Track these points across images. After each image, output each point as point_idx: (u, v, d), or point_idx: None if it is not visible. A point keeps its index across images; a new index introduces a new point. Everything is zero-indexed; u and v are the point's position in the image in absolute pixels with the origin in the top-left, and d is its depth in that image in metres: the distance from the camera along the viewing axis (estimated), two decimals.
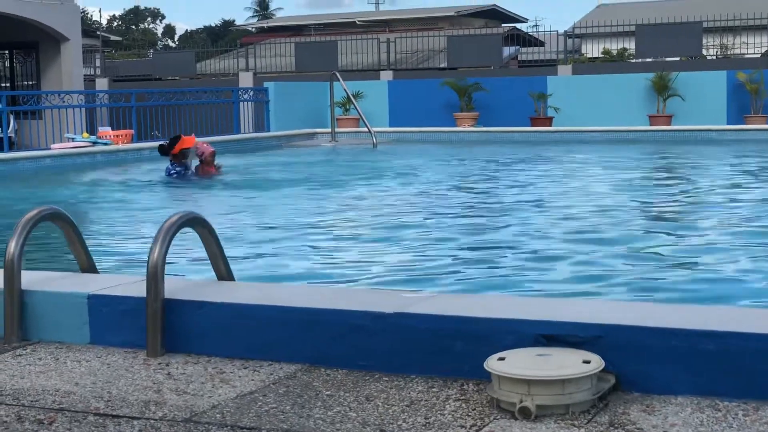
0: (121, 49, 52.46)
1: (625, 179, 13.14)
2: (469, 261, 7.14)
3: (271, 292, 4.23)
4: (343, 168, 16.13)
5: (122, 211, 10.91)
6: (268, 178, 14.22)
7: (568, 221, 9.08)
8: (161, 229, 3.97)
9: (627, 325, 3.33)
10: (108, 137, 18.68)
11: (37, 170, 16.14)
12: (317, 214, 10.17)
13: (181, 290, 4.08)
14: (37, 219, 4.31)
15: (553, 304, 3.83)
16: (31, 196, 12.66)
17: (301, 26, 49.88)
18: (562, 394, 3.07)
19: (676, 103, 22.00)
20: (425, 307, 3.68)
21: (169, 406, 3.32)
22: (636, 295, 5.78)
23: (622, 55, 33.52)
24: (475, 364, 3.37)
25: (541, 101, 22.93)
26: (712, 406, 3.14)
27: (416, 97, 24.40)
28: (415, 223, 9.20)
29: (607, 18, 32.17)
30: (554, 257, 7.10)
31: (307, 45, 31.61)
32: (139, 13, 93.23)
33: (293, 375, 3.62)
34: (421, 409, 3.20)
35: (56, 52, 24.31)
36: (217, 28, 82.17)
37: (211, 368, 3.73)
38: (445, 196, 11.65)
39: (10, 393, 3.51)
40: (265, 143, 21.36)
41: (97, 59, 36.11)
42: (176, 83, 31.26)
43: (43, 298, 4.19)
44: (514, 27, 41.16)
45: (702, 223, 8.97)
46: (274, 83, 23.82)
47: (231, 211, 10.43)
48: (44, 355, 3.98)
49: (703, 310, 3.86)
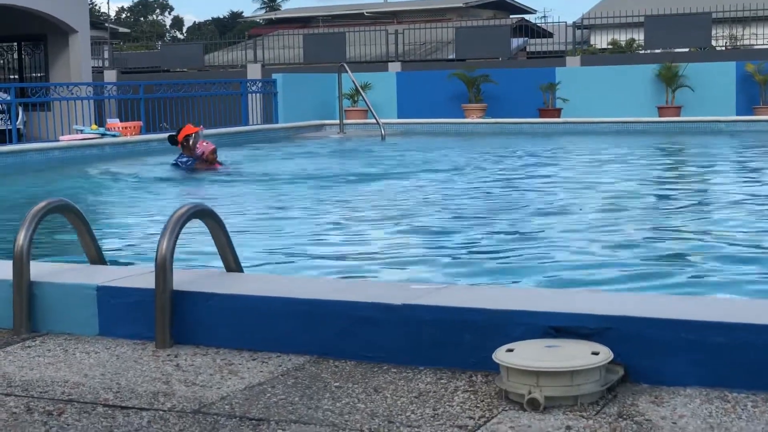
0: (129, 41, 52.51)
1: (635, 170, 13.11)
2: (477, 252, 7.13)
3: (280, 284, 4.24)
4: (351, 159, 16.12)
5: (131, 203, 10.93)
6: (277, 169, 14.22)
7: (577, 213, 9.07)
8: (170, 220, 3.97)
9: (636, 316, 3.32)
10: (116, 129, 18.69)
11: (45, 162, 16.16)
12: (326, 206, 10.17)
13: (189, 282, 4.08)
14: (45, 211, 4.32)
15: (561, 296, 3.83)
16: (39, 188, 12.68)
17: (309, 18, 49.84)
18: (571, 386, 3.07)
19: (685, 94, 21.94)
20: (434, 299, 3.67)
21: (177, 397, 3.33)
22: (645, 287, 5.77)
23: (631, 46, 33.45)
24: (483, 355, 3.38)
25: (550, 92, 22.89)
26: (720, 398, 3.13)
27: (424, 88, 24.36)
28: (423, 214, 9.19)
29: (615, 9, 32.07)
30: (563, 248, 7.09)
31: (315, 36, 31.58)
32: (148, 5, 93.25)
33: (302, 366, 3.62)
34: (429, 401, 3.20)
35: (65, 44, 24.34)
36: (225, 20, 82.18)
37: (219, 360, 3.74)
38: (452, 187, 11.63)
39: (20, 384, 3.52)
40: (273, 135, 21.36)
41: (106, 51, 36.15)
42: (184, 75, 31.28)
43: (52, 289, 4.20)
44: (523, 18, 41.12)
45: (712, 214, 8.95)
46: (283, 75, 23.81)
47: (239, 202, 10.44)
48: (53, 346, 3.99)
49: (713, 301, 3.86)
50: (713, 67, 22.41)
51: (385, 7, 52.08)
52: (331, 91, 23.34)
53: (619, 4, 38.34)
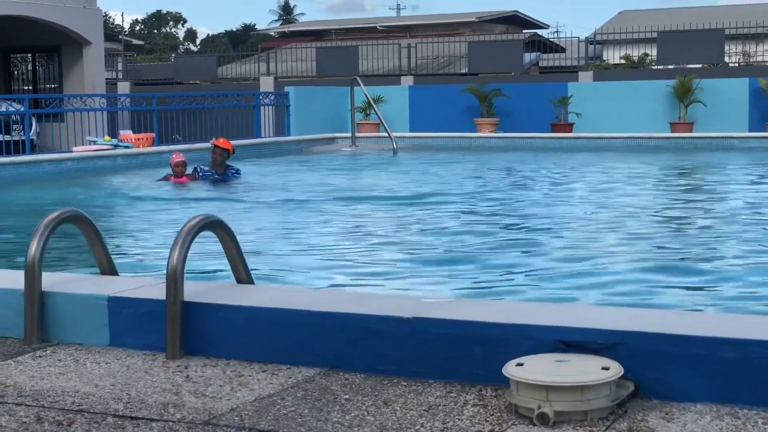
0: (143, 53, 52.69)
1: (646, 185, 13.09)
2: (487, 267, 7.12)
3: (290, 296, 4.24)
4: (362, 173, 16.13)
5: (143, 214, 10.95)
6: (288, 182, 14.23)
7: (588, 227, 9.06)
8: (181, 231, 3.98)
9: (646, 332, 3.31)
10: (129, 140, 18.75)
11: (58, 173, 16.21)
12: (337, 219, 10.18)
13: (200, 293, 4.09)
14: (58, 221, 4.33)
15: (572, 310, 3.83)
16: (52, 198, 12.72)
17: (322, 31, 49.96)
18: (581, 401, 3.06)
19: (698, 110, 21.92)
20: (444, 312, 3.67)
21: (187, 408, 3.33)
22: (656, 302, 5.76)
23: (644, 61, 33.43)
24: (493, 369, 3.37)
25: (562, 107, 22.88)
26: (731, 414, 3.12)
27: (437, 102, 24.38)
28: (433, 229, 9.19)
29: (628, 24, 32.10)
30: (572, 263, 7.07)
31: (328, 50, 31.65)
32: (162, 17, 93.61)
33: (311, 379, 3.62)
34: (439, 414, 3.20)
35: (78, 56, 24.44)
36: (238, 33, 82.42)
37: (229, 371, 3.74)
38: (461, 201, 11.63)
39: (30, 394, 3.52)
40: (285, 147, 21.40)
41: (119, 63, 36.28)
42: (197, 87, 31.37)
43: (63, 299, 4.21)
44: (536, 33, 41.11)
45: (723, 230, 8.92)
46: (295, 88, 23.87)
47: (250, 214, 10.45)
48: (64, 356, 4.00)
49: (723, 317, 3.85)
50: (726, 83, 22.38)
51: (398, 21, 52.19)
52: (343, 104, 23.38)
53: (632, 20, 38.37)
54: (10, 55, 26.49)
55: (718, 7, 36.39)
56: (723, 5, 54.91)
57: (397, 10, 68.49)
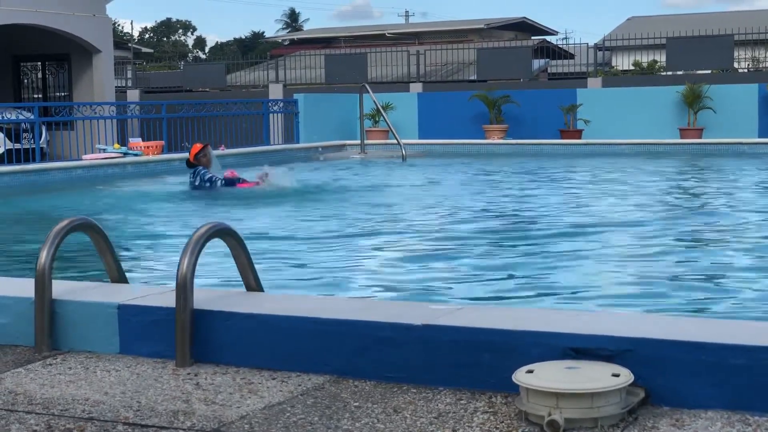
0: (152, 61, 52.81)
1: (655, 192, 13.06)
2: (497, 273, 7.12)
3: (300, 304, 4.24)
4: (371, 179, 16.13)
5: (152, 222, 10.97)
6: (297, 189, 14.24)
7: (597, 233, 9.04)
8: (191, 239, 3.99)
9: (657, 338, 3.31)
10: (139, 148, 18.79)
11: (68, 181, 16.26)
12: (346, 226, 10.17)
13: (210, 301, 4.09)
14: (68, 229, 4.34)
15: (582, 317, 3.82)
16: (62, 206, 12.74)
17: (330, 38, 50.00)
18: (591, 408, 3.05)
19: (707, 116, 21.88)
20: (453, 320, 3.67)
21: (197, 416, 3.33)
22: (666, 308, 5.75)
23: (653, 67, 33.39)
24: (503, 376, 3.37)
25: (571, 113, 22.87)
26: (742, 421, 3.11)
27: (446, 109, 24.39)
28: (443, 236, 9.19)
29: (637, 30, 32.04)
30: (582, 269, 7.07)
31: (336, 57, 31.68)
32: (171, 25, 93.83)
33: (321, 386, 3.62)
34: (449, 422, 3.20)
35: (88, 64, 24.50)
36: (247, 40, 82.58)
37: (239, 379, 3.74)
38: (470, 208, 11.62)
39: (41, 402, 3.53)
40: (294, 155, 21.43)
41: (129, 71, 36.37)
42: (206, 95, 31.42)
43: (73, 308, 4.22)
44: (544, 39, 41.12)
45: (733, 237, 8.90)
46: (304, 95, 23.90)
47: (259, 222, 10.46)
48: (74, 364, 4.01)
49: (733, 324, 3.84)
50: (735, 89, 22.35)
51: (407, 28, 52.22)
52: (352, 111, 23.40)
53: (641, 26, 38.33)
54: (20, 64, 26.56)
55: (727, 13, 36.35)
56: (732, 11, 54.86)
57: (406, 18, 68.52)
